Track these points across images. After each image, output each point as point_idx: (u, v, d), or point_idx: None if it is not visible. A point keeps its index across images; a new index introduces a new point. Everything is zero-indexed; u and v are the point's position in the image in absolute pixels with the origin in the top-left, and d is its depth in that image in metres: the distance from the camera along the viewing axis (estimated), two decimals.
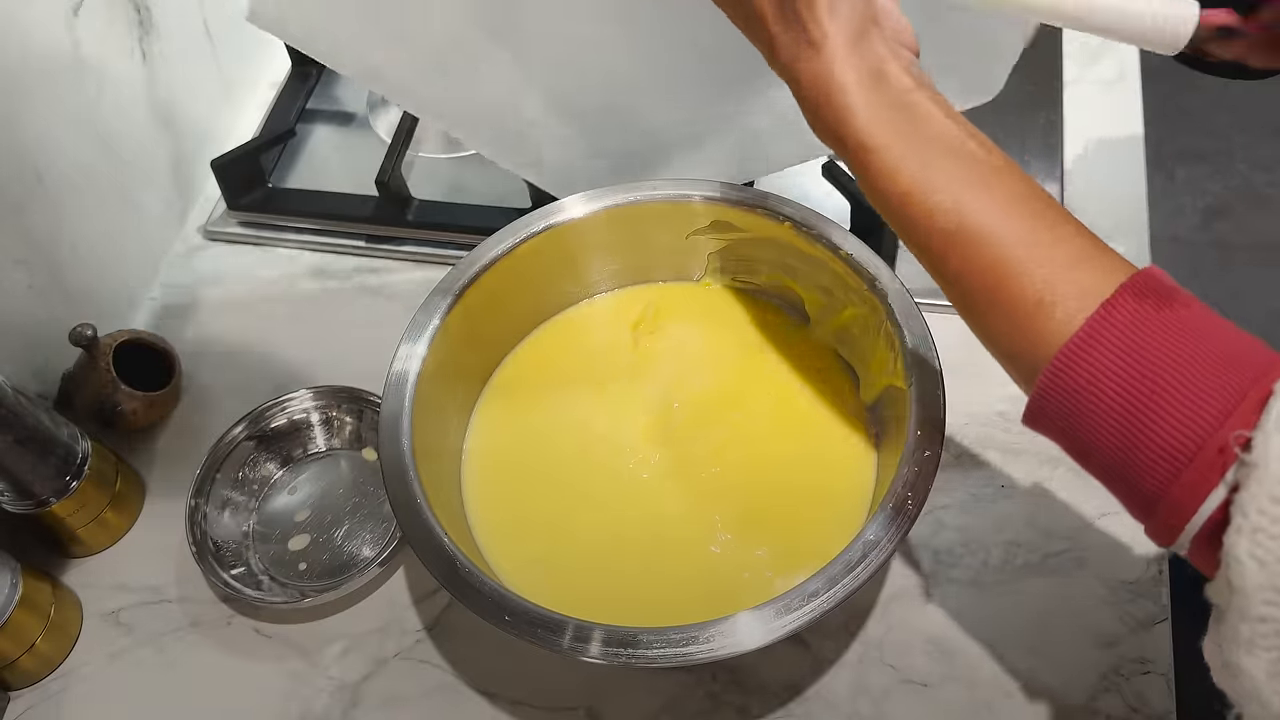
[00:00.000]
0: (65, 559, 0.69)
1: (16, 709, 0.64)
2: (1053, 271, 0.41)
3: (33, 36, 0.67)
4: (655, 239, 0.70)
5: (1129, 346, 0.39)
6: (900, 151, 0.44)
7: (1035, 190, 0.44)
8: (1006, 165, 0.44)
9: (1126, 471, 0.40)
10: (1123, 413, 0.39)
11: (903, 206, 0.45)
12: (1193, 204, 1.84)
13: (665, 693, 0.62)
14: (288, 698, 0.63)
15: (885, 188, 0.45)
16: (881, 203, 0.46)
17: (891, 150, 0.45)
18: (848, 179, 0.74)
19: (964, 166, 0.44)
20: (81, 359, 0.70)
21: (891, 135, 0.45)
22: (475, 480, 0.66)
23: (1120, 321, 0.40)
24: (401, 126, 0.81)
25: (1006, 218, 0.43)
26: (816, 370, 0.68)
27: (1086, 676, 0.60)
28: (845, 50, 0.45)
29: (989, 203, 0.43)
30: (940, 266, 0.45)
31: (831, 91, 0.45)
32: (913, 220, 0.45)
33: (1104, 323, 0.40)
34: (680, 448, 0.66)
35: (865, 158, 0.45)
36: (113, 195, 0.77)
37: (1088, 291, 0.41)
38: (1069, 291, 0.41)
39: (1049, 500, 0.66)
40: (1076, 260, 0.42)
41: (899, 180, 0.44)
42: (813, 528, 0.62)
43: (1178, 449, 0.38)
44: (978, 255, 0.43)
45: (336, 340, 0.77)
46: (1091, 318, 0.40)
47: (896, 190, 0.45)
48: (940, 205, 0.44)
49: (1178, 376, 0.38)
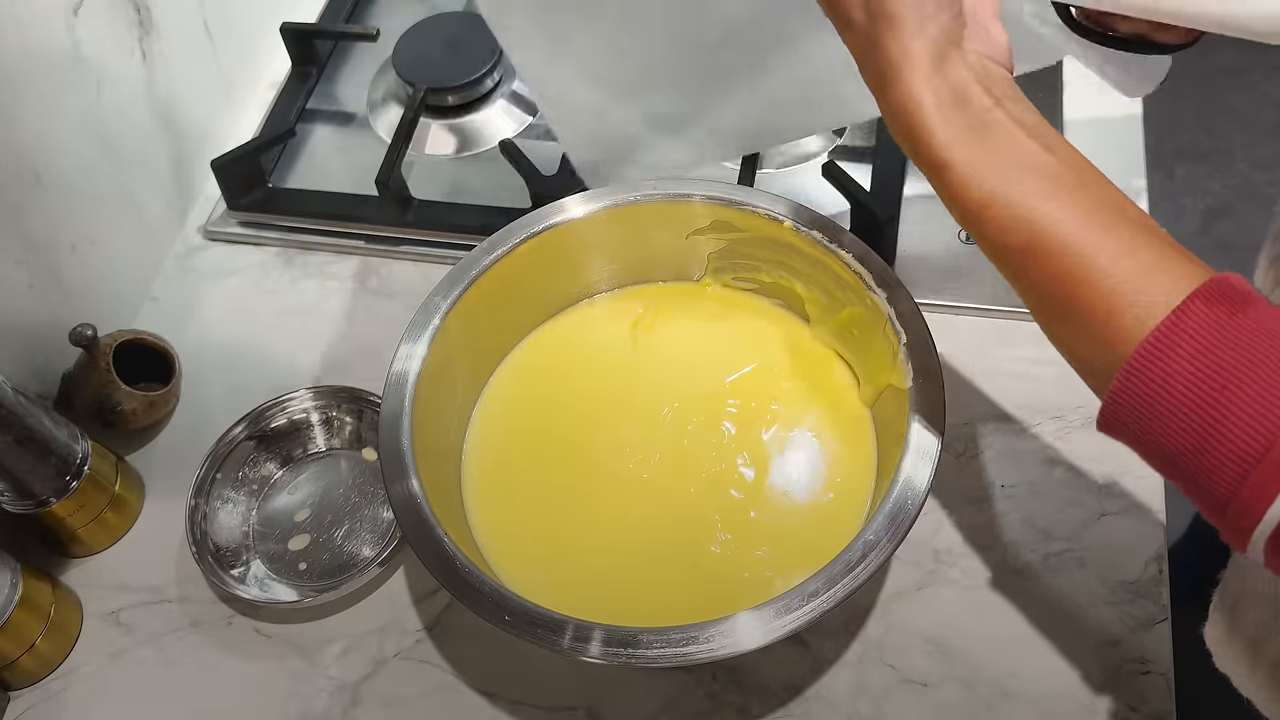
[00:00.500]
0: (65, 559, 0.69)
1: (16, 709, 0.64)
2: (1125, 280, 0.42)
3: (32, 36, 0.67)
4: (655, 239, 0.70)
5: (1199, 350, 0.40)
6: (976, 167, 0.46)
7: (1113, 199, 0.45)
8: (1085, 177, 0.45)
9: (1198, 474, 0.40)
10: (1193, 415, 0.40)
11: (979, 220, 0.46)
12: (1193, 204, 1.84)
13: (665, 693, 0.62)
14: (288, 698, 0.63)
15: (963, 202, 0.46)
16: (960, 216, 0.47)
17: (967, 166, 0.46)
18: (848, 179, 0.74)
19: (1040, 180, 0.45)
20: (81, 359, 0.70)
21: (968, 152, 0.46)
22: (475, 480, 0.66)
23: (1191, 326, 0.40)
24: (401, 126, 0.81)
25: (1080, 228, 0.44)
26: (816, 370, 0.68)
27: (1086, 677, 0.60)
28: (926, 71, 0.47)
29: (1063, 214, 0.44)
30: (1016, 277, 0.46)
31: (910, 110, 0.47)
32: (989, 233, 0.46)
33: (1175, 328, 0.40)
34: (680, 447, 0.66)
35: (943, 174, 0.47)
36: (113, 195, 0.77)
37: (1159, 299, 0.41)
38: (1140, 299, 0.41)
39: (1049, 500, 0.66)
40: (1149, 268, 0.42)
41: (975, 195, 0.46)
42: (813, 528, 0.62)
43: (1246, 450, 0.38)
44: (1051, 266, 0.44)
45: (336, 340, 0.77)
46: (1162, 323, 0.41)
47: (973, 205, 0.46)
48: (1015, 218, 0.45)
49: (1247, 378, 0.39)
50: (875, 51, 0.48)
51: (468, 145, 0.86)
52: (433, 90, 0.85)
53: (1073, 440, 0.68)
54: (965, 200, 0.46)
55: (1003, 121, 0.46)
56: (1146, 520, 0.65)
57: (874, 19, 0.48)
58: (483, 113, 0.87)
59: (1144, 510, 0.65)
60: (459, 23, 0.89)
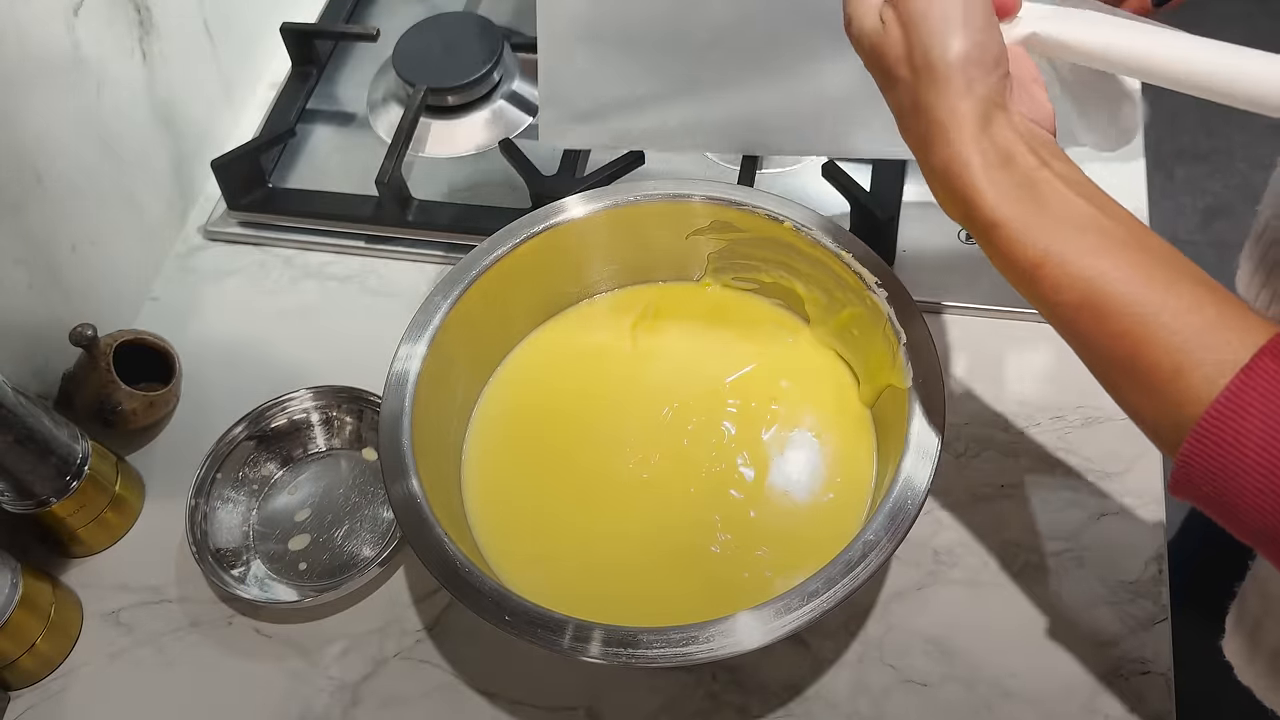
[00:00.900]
0: (65, 559, 0.69)
1: (16, 709, 0.64)
2: (1188, 338, 0.41)
3: (32, 36, 0.67)
4: (655, 239, 0.70)
5: (1271, 409, 0.39)
6: (1026, 225, 0.45)
7: (1167, 256, 0.44)
8: (1137, 234, 0.45)
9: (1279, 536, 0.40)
10: (1270, 476, 0.39)
11: (1032, 280, 0.45)
12: (1193, 204, 1.85)
13: (665, 693, 0.62)
14: (288, 698, 0.63)
15: (1014, 260, 0.46)
16: (1013, 276, 0.47)
17: (1017, 224, 0.45)
18: (848, 179, 0.74)
19: (1092, 238, 0.44)
20: (81, 359, 0.70)
21: (1018, 210, 0.45)
22: (475, 480, 0.66)
23: (1261, 385, 0.39)
24: (401, 127, 0.81)
25: (1137, 286, 0.43)
26: (816, 370, 0.68)
27: (1086, 676, 0.60)
28: (973, 131, 0.46)
29: (1121, 272, 0.43)
30: (1074, 335, 0.45)
31: (957, 170, 0.46)
32: (1043, 292, 0.45)
33: (1246, 386, 0.40)
34: (680, 448, 0.66)
35: (993, 233, 0.46)
36: (113, 195, 0.77)
37: (1227, 356, 0.40)
38: (1206, 358, 0.41)
39: (1049, 500, 0.66)
40: (1212, 325, 0.41)
41: (1027, 253, 0.45)
42: (813, 528, 0.62)
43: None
44: (1111, 324, 0.43)
45: (336, 340, 0.77)
46: (1231, 383, 0.40)
47: (1026, 263, 0.45)
48: (1070, 275, 0.44)
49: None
50: (920, 111, 0.47)
51: (468, 145, 0.86)
52: (433, 90, 0.85)
53: (1073, 440, 0.68)
54: (1017, 259, 0.45)
55: (1051, 180, 0.46)
56: (1146, 520, 0.65)
57: (919, 77, 0.47)
58: (483, 113, 0.87)
59: (1144, 510, 0.65)
60: (459, 23, 0.89)
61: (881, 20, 0.49)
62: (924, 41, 0.46)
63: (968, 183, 0.46)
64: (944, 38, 0.46)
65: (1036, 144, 0.47)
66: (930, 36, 0.46)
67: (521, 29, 0.92)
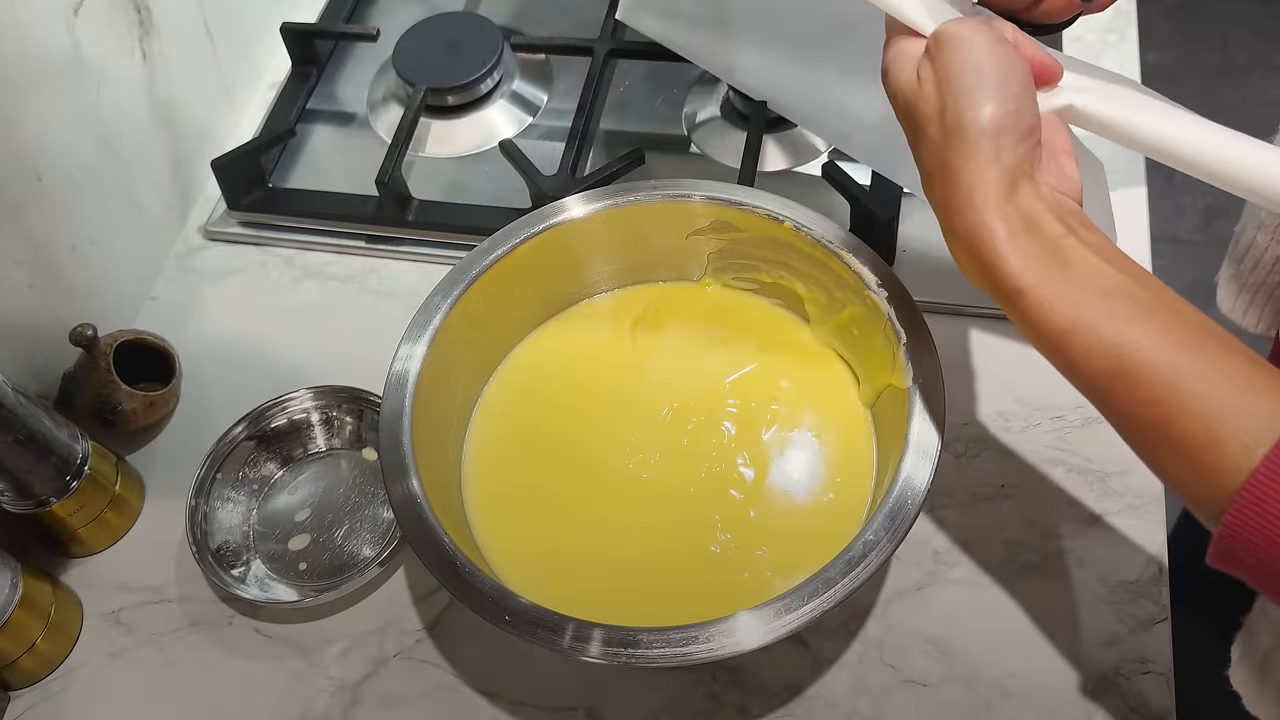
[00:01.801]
0: (65, 559, 0.69)
1: (16, 709, 0.64)
2: (1224, 405, 0.41)
3: (32, 36, 0.67)
4: (655, 239, 0.70)
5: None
6: (1054, 291, 0.44)
7: (1197, 320, 0.43)
8: (1166, 300, 0.44)
9: None
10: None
11: (1062, 346, 0.45)
12: (1193, 204, 1.85)
13: (665, 692, 0.62)
14: (288, 698, 0.63)
15: (1043, 327, 0.45)
16: (1041, 342, 0.46)
17: (1044, 290, 0.45)
18: (848, 179, 0.74)
19: (1122, 304, 0.44)
20: (81, 359, 0.70)
21: (1044, 276, 0.45)
22: (475, 480, 0.66)
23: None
24: (402, 127, 0.81)
25: (1169, 351, 0.42)
26: (816, 370, 0.68)
27: (1086, 676, 0.60)
28: (998, 198, 0.45)
29: (1150, 338, 0.43)
30: (1107, 404, 0.45)
31: (982, 237, 0.46)
32: (1074, 359, 0.44)
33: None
34: (680, 447, 0.66)
35: (1019, 300, 0.45)
36: (113, 195, 0.77)
37: (1264, 424, 0.40)
38: (1243, 425, 0.40)
39: (1049, 500, 0.66)
40: (1248, 390, 0.41)
41: (1055, 320, 0.44)
42: (813, 528, 0.62)
43: None
44: (1143, 392, 0.42)
45: (336, 340, 0.77)
46: (1271, 451, 0.39)
47: (1055, 329, 0.45)
48: (1101, 342, 0.43)
49: None
50: (947, 173, 0.47)
51: (468, 145, 0.86)
52: (433, 90, 0.85)
53: (1073, 440, 0.68)
54: (1045, 326, 0.45)
55: (1077, 246, 0.45)
56: (1146, 520, 0.65)
57: (949, 138, 0.46)
58: (483, 113, 0.87)
59: (1144, 510, 0.65)
60: (459, 23, 0.90)
61: (918, 76, 0.48)
62: (957, 103, 0.46)
63: (992, 249, 0.45)
64: (977, 101, 0.45)
65: (1063, 212, 0.46)
66: (964, 98, 0.46)
67: (521, 29, 0.92)
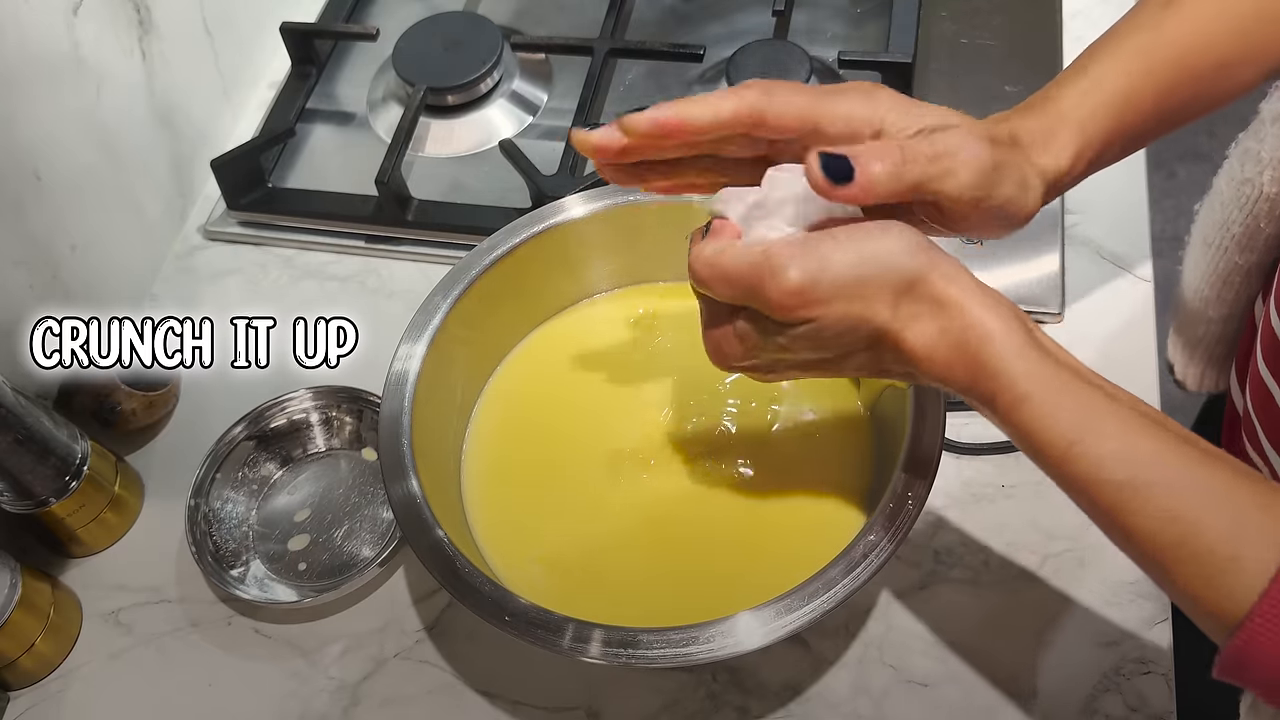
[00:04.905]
0: (65, 559, 0.69)
1: (16, 709, 0.64)
2: (1238, 520, 0.40)
3: (32, 36, 0.67)
4: (655, 239, 0.70)
5: None
6: (1060, 400, 0.42)
7: (1187, 434, 0.42)
8: (1153, 413, 0.43)
9: None
10: None
11: (1068, 459, 0.42)
12: (1193, 204, 1.84)
13: (665, 693, 0.62)
14: (288, 698, 0.63)
15: (1048, 438, 0.43)
16: (1043, 455, 0.44)
17: (1049, 399, 0.42)
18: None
19: (1125, 413, 0.42)
20: None
21: (1047, 382, 0.43)
22: (475, 480, 0.66)
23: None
24: (401, 126, 0.81)
25: (1179, 463, 0.41)
26: None
27: (1086, 676, 0.60)
28: (981, 301, 0.44)
29: (1159, 449, 0.41)
30: (1114, 520, 0.43)
31: (971, 340, 0.44)
32: (1080, 472, 0.42)
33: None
34: (680, 448, 0.66)
35: (1021, 408, 0.43)
36: (113, 195, 0.77)
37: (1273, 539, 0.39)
38: (1259, 540, 0.39)
39: (1049, 500, 0.66)
40: (1259, 504, 0.40)
41: (1062, 429, 0.42)
42: (813, 528, 0.62)
43: None
44: (1156, 507, 0.41)
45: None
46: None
47: (1060, 440, 0.42)
48: (1111, 454, 0.41)
49: None
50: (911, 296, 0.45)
51: (467, 145, 0.86)
52: (433, 90, 0.85)
53: None
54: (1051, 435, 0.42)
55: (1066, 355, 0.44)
56: None
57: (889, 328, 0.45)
58: (483, 113, 0.87)
59: None
60: (459, 23, 0.89)
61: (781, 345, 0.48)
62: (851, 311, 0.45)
63: (987, 352, 0.43)
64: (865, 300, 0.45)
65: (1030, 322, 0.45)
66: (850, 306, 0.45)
67: (521, 28, 0.92)
